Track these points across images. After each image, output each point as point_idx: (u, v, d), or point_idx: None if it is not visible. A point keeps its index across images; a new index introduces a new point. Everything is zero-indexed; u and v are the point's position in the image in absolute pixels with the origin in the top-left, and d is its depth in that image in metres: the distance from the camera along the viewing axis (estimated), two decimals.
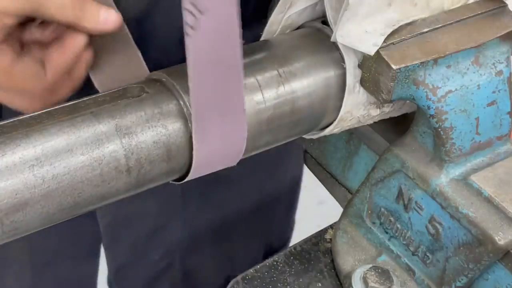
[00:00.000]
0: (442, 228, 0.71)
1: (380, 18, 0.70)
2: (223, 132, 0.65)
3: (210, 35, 0.60)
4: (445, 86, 0.69)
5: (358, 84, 0.72)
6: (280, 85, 0.70)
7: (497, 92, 0.72)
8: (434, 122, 0.70)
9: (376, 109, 0.75)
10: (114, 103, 0.64)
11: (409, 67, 0.68)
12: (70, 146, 0.60)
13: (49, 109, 0.63)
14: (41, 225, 0.60)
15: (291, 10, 0.75)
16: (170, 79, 0.66)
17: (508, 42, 0.73)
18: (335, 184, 0.89)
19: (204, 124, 0.64)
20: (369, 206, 0.78)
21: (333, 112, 0.74)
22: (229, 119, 0.65)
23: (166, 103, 0.65)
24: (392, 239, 0.76)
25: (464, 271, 0.70)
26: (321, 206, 2.54)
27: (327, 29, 0.74)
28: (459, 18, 0.73)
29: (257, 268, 0.79)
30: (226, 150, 0.67)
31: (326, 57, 0.73)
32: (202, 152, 0.65)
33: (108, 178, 0.61)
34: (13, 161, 0.57)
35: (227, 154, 0.68)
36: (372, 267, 0.75)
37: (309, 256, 0.81)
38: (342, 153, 0.86)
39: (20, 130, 0.60)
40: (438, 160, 0.71)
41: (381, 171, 0.75)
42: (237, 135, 0.67)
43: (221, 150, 0.67)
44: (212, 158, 0.67)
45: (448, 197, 0.69)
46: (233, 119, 0.65)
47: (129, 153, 0.62)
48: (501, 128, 0.73)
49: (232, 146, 0.67)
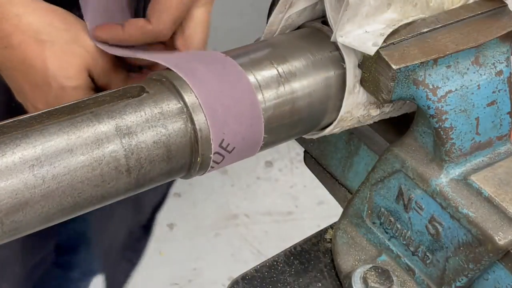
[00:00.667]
0: (442, 228, 0.71)
1: (380, 18, 0.70)
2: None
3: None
4: (445, 86, 0.69)
5: (358, 84, 0.72)
6: (280, 85, 0.70)
7: (497, 92, 0.72)
8: (434, 122, 0.70)
9: (376, 109, 0.75)
10: (114, 103, 0.64)
11: (409, 67, 0.68)
12: (70, 146, 0.60)
13: (49, 109, 0.63)
14: (41, 225, 0.60)
15: (291, 10, 0.75)
16: (170, 79, 0.66)
17: (508, 42, 0.73)
18: (335, 184, 0.89)
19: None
20: (369, 206, 0.77)
21: (333, 112, 0.74)
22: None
23: (166, 103, 0.65)
24: (392, 239, 0.76)
25: (464, 271, 0.70)
26: (321, 206, 2.54)
27: (327, 29, 0.74)
28: (459, 18, 0.73)
29: (257, 268, 0.79)
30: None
31: (326, 57, 0.73)
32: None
33: (108, 178, 0.61)
34: (13, 161, 0.57)
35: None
36: (372, 267, 0.75)
37: (309, 256, 0.81)
38: (342, 153, 0.86)
39: (20, 130, 0.60)
40: (438, 160, 0.71)
41: (381, 171, 0.75)
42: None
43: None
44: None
45: (448, 197, 0.69)
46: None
47: (129, 153, 0.62)
48: (501, 128, 0.73)
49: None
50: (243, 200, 2.55)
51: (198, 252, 2.37)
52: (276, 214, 2.51)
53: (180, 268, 2.32)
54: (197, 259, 2.35)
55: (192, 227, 2.44)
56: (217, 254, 2.37)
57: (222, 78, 0.66)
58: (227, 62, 0.68)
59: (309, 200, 2.56)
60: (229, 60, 0.69)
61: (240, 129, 0.66)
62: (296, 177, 2.63)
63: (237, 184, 2.60)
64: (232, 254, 2.38)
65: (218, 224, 2.46)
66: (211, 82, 0.65)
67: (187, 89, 0.65)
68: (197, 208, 2.50)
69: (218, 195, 2.56)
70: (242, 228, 2.46)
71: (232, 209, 2.52)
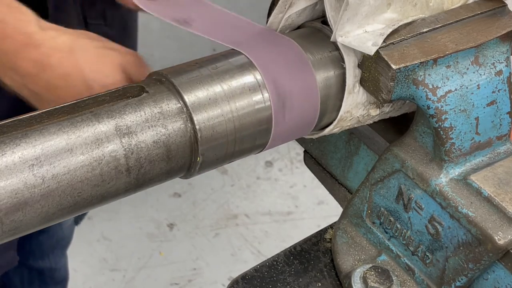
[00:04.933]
0: (442, 228, 0.71)
1: (380, 18, 0.70)
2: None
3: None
4: (444, 86, 0.69)
5: (358, 84, 0.72)
6: None
7: (496, 92, 0.72)
8: (434, 122, 0.70)
9: (376, 109, 0.75)
10: (114, 103, 0.64)
11: (408, 67, 0.68)
12: (69, 145, 0.60)
13: (49, 109, 0.63)
14: (41, 224, 0.60)
15: (291, 10, 0.75)
16: (170, 78, 0.66)
17: (507, 42, 0.73)
18: (335, 184, 0.89)
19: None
20: (369, 206, 0.77)
21: (333, 112, 0.74)
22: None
23: (166, 103, 0.65)
24: (392, 239, 0.76)
25: (464, 271, 0.70)
26: (321, 206, 2.54)
27: (327, 29, 0.74)
28: (459, 18, 0.73)
29: (257, 268, 0.79)
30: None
31: (326, 57, 0.73)
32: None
33: (108, 178, 0.61)
34: (13, 160, 0.57)
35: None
36: (372, 267, 0.75)
37: (309, 256, 0.81)
38: (342, 153, 0.86)
39: (20, 129, 0.60)
40: (438, 160, 0.71)
41: (381, 171, 0.75)
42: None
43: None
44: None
45: (447, 197, 0.69)
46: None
47: (128, 152, 0.62)
48: (500, 128, 0.73)
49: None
50: (243, 200, 2.55)
51: (198, 252, 2.37)
52: (276, 214, 2.51)
53: (180, 268, 2.32)
54: (197, 259, 2.35)
55: (192, 227, 2.44)
56: (217, 254, 2.37)
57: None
58: (303, 58, 0.71)
59: (309, 200, 2.56)
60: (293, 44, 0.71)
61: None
62: (296, 177, 2.63)
63: (237, 184, 2.60)
64: (232, 254, 2.38)
65: (218, 224, 2.46)
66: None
67: (187, 89, 0.65)
68: (197, 208, 2.50)
69: (218, 195, 2.56)
70: (242, 228, 2.46)
71: (232, 209, 2.52)
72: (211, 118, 0.66)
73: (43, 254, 1.64)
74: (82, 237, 2.01)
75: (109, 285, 2.25)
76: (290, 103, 0.69)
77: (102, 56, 0.81)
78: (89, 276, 2.26)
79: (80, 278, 2.23)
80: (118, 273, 2.28)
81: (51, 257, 1.66)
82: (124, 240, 2.37)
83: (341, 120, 0.74)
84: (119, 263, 2.31)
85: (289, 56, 0.70)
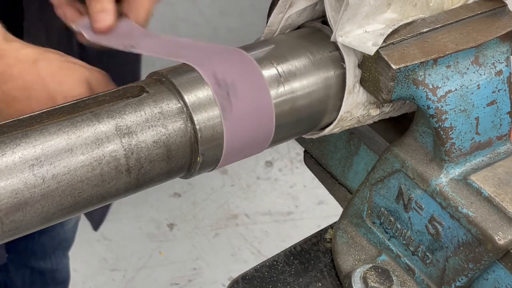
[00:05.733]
0: (442, 228, 0.71)
1: (380, 18, 0.70)
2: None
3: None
4: (444, 86, 0.70)
5: (358, 84, 0.72)
6: (280, 84, 0.70)
7: (497, 92, 0.72)
8: (434, 122, 0.70)
9: (376, 109, 0.75)
10: (114, 103, 0.64)
11: (409, 67, 0.68)
12: (70, 145, 0.60)
13: (49, 109, 0.63)
14: (41, 224, 0.60)
15: (291, 10, 0.75)
16: (170, 78, 0.66)
17: (507, 42, 0.73)
18: (335, 184, 0.89)
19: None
20: (369, 206, 0.78)
21: (333, 112, 0.74)
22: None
23: (166, 103, 0.65)
24: (392, 239, 0.76)
25: (464, 271, 0.70)
26: (321, 206, 2.55)
27: (327, 29, 0.74)
28: (459, 18, 0.73)
29: (257, 268, 0.79)
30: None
31: (326, 57, 0.73)
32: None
33: (108, 178, 0.61)
34: (13, 160, 0.57)
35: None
36: (372, 267, 0.75)
37: (309, 256, 0.81)
38: (342, 153, 0.86)
39: (20, 129, 0.60)
40: (438, 160, 0.71)
41: (381, 171, 0.75)
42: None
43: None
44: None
45: (448, 197, 0.69)
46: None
47: (129, 152, 0.62)
48: (501, 128, 0.73)
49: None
50: (243, 200, 2.55)
51: (198, 252, 2.37)
52: (276, 214, 2.51)
53: (180, 268, 2.32)
54: (197, 259, 2.35)
55: (192, 227, 2.44)
56: (217, 254, 2.37)
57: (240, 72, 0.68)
58: (243, 56, 0.69)
59: (309, 200, 2.56)
60: (244, 54, 0.70)
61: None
62: (296, 177, 2.63)
63: (237, 184, 2.60)
64: (232, 254, 2.38)
65: (218, 224, 2.46)
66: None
67: (187, 89, 0.65)
68: (197, 208, 2.50)
69: (218, 195, 2.56)
70: (242, 228, 2.46)
71: (232, 209, 2.52)
72: (211, 118, 0.66)
73: (45, 255, 1.64)
74: (82, 237, 2.01)
75: (109, 285, 2.25)
76: (234, 91, 0.67)
77: (66, 69, 0.79)
78: (89, 276, 2.26)
79: (80, 278, 2.23)
80: (118, 273, 2.28)
81: (52, 258, 1.66)
82: (124, 240, 2.37)
83: (341, 120, 0.74)
84: (119, 263, 2.31)
85: (229, 53, 0.70)
